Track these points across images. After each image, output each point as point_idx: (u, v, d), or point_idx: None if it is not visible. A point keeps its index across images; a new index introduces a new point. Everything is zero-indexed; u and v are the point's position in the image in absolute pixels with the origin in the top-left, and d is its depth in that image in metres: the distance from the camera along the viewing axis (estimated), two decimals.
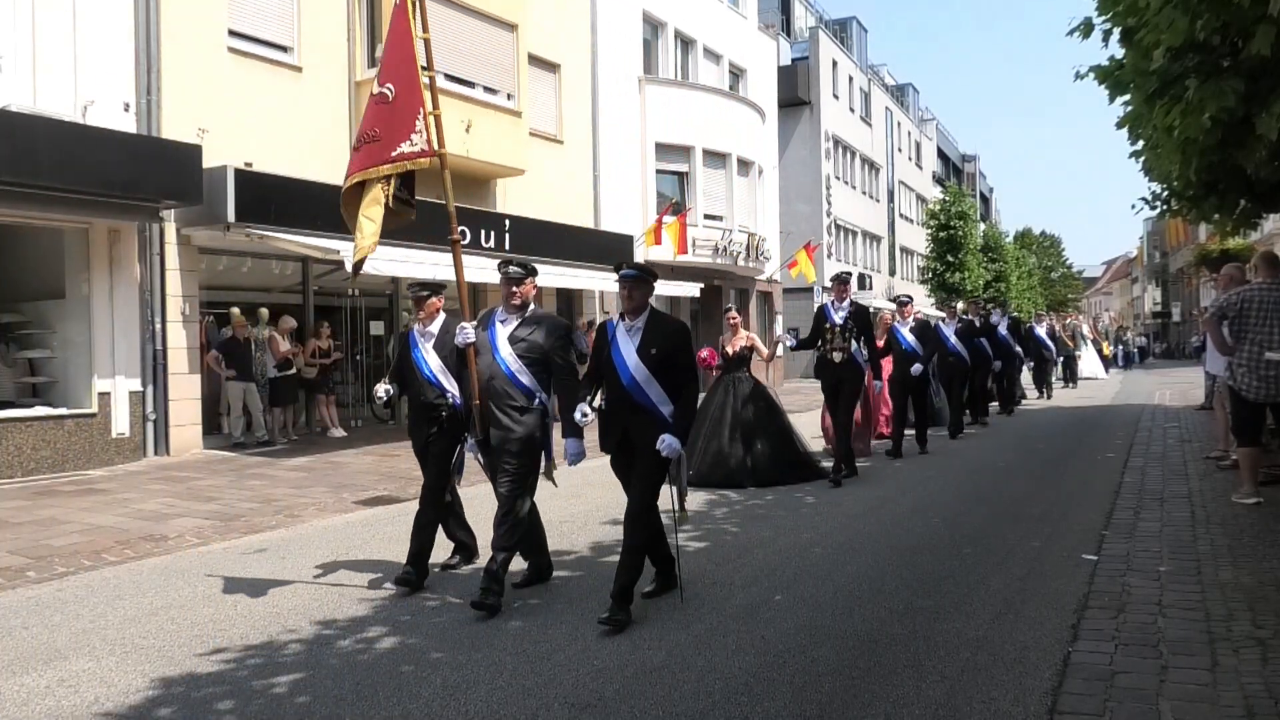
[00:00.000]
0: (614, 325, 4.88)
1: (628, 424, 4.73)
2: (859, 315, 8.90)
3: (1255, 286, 6.88)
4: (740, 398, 8.90)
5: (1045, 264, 67.76)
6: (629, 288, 4.78)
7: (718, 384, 9.17)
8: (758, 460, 8.65)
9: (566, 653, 4.14)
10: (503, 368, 4.97)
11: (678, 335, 4.81)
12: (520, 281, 5.10)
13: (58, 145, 9.71)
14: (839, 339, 8.80)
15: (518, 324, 5.06)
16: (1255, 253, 17.43)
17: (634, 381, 4.67)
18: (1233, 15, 5.74)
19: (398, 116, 5.38)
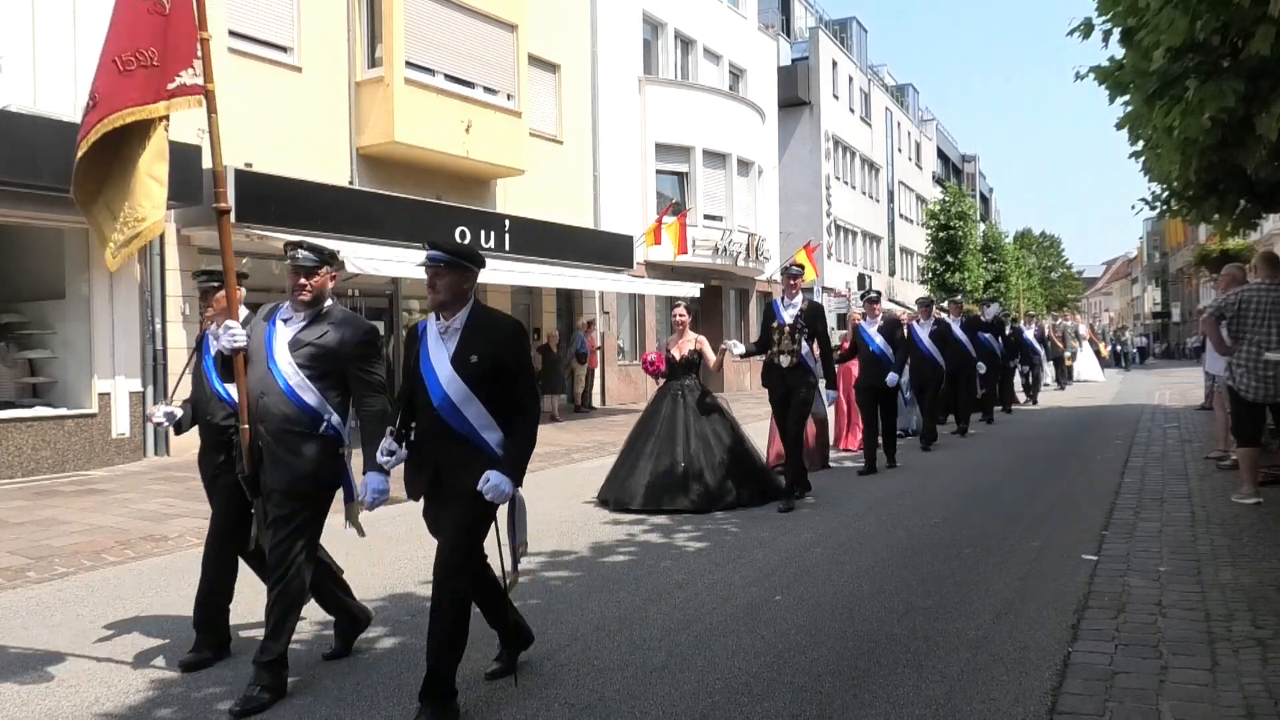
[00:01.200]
0: (425, 326, 3.70)
1: (439, 459, 3.56)
2: (811, 313, 7.77)
3: (1253, 287, 6.88)
4: (691, 408, 7.86)
5: (1045, 264, 67.78)
6: (432, 275, 3.57)
7: (663, 393, 8.12)
8: (714, 480, 7.60)
9: (567, 653, 4.14)
10: (278, 381, 3.77)
11: (508, 339, 3.62)
12: (313, 271, 3.89)
13: (58, 145, 9.68)
14: (787, 340, 7.64)
15: (304, 325, 3.88)
16: (1255, 253, 17.39)
17: (446, 401, 3.50)
18: (1233, 15, 5.74)
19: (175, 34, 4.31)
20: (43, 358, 11.18)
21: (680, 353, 8.03)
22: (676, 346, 8.07)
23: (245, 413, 3.85)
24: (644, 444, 7.83)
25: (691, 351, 8.01)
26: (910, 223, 46.59)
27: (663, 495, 7.50)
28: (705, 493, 7.52)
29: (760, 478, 7.96)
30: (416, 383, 3.61)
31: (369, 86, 13.99)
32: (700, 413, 7.89)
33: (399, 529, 7.07)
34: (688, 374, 8.06)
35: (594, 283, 17.50)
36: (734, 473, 7.71)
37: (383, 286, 15.30)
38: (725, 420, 8.01)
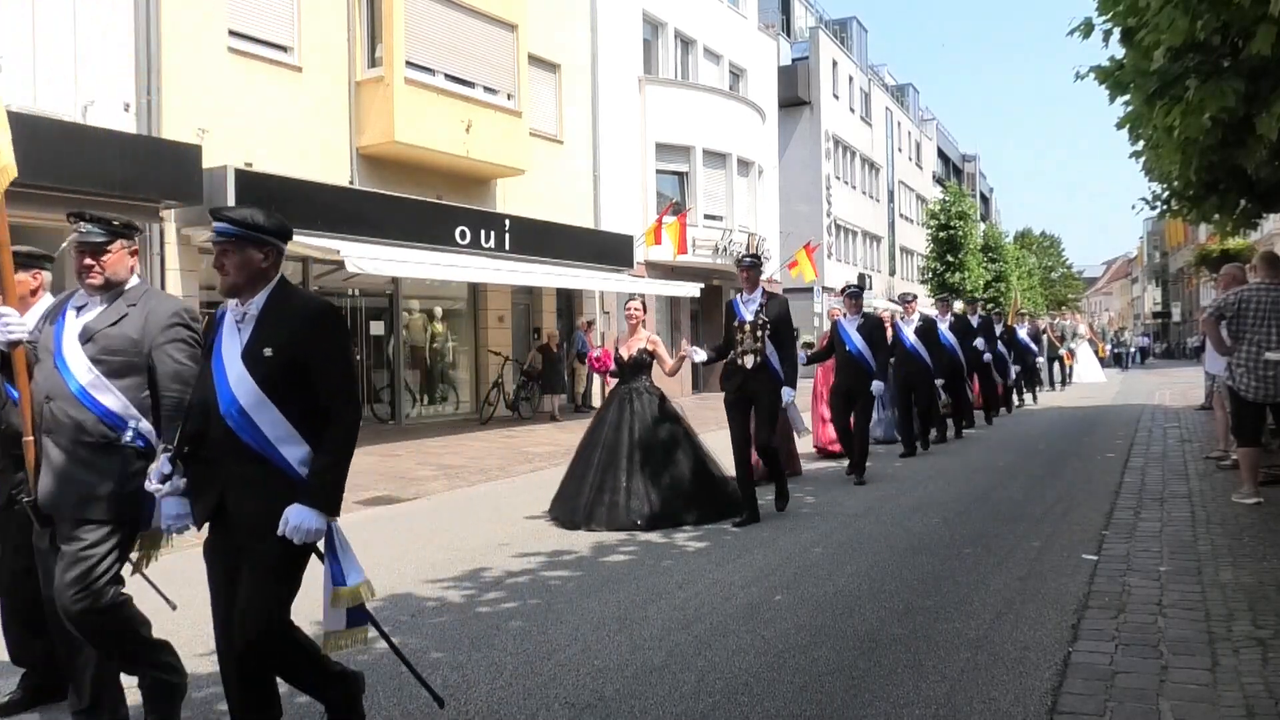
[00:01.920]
0: (222, 314, 3.05)
1: (226, 480, 2.84)
2: (772, 308, 7.01)
3: (1253, 286, 6.88)
4: (639, 415, 7.09)
5: (1045, 264, 67.78)
6: (219, 252, 3.02)
7: (611, 398, 7.37)
8: (660, 497, 6.84)
9: (566, 653, 4.14)
10: (66, 382, 3.06)
11: (311, 325, 2.90)
12: (101, 248, 3.17)
13: (58, 145, 9.72)
14: (749, 339, 6.90)
15: (99, 311, 3.18)
16: (1255, 253, 17.36)
17: (235, 406, 2.79)
18: (1233, 15, 5.74)
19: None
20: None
21: (629, 352, 7.25)
22: (626, 345, 7.31)
23: (28, 423, 3.13)
24: (590, 454, 7.12)
25: (641, 351, 7.23)
26: (910, 222, 46.60)
27: (605, 514, 6.78)
28: (651, 513, 6.74)
29: (717, 494, 7.16)
30: (208, 385, 2.89)
31: (369, 86, 13.99)
32: (651, 421, 7.07)
33: (398, 529, 7.07)
34: (638, 376, 7.25)
35: (594, 283, 17.50)
36: (686, 490, 6.95)
37: (383, 286, 15.31)
38: (680, 430, 7.22)
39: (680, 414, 7.36)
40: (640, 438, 7.00)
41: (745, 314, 6.97)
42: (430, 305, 16.49)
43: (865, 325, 8.93)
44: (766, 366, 6.88)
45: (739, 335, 6.94)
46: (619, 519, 6.73)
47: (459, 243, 14.58)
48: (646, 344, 7.25)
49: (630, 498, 6.81)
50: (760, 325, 6.88)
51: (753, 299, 7.05)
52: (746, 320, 6.92)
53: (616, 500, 6.80)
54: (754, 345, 6.87)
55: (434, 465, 10.55)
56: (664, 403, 7.26)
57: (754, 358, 6.86)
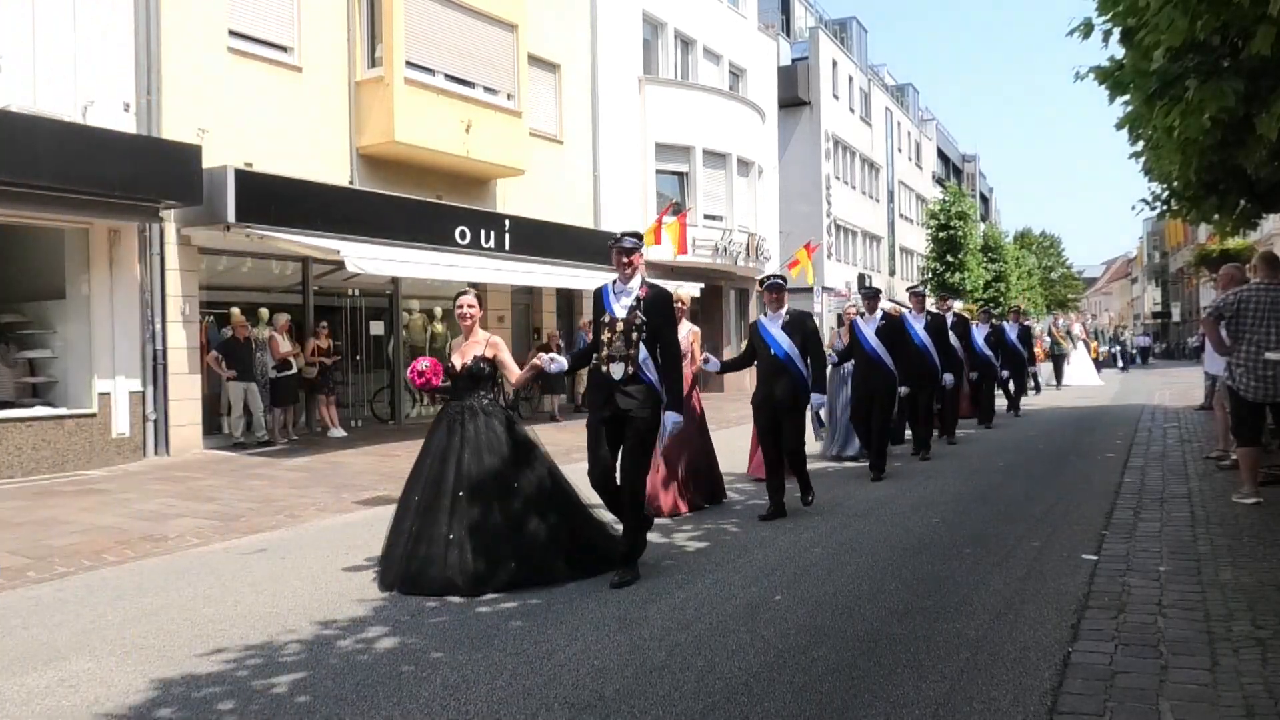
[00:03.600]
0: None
1: None
2: (655, 304, 5.41)
3: (1252, 287, 6.89)
4: (473, 442, 5.39)
5: (1045, 264, 67.77)
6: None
7: (439, 420, 5.65)
8: (507, 547, 5.21)
9: (566, 653, 4.14)
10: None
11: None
12: None
13: (58, 145, 9.72)
14: (619, 341, 5.31)
15: None
16: (1255, 253, 17.34)
17: None
18: (1233, 15, 5.74)
19: None
20: (43, 358, 11.19)
21: (463, 359, 5.59)
22: (460, 351, 5.65)
23: None
24: (409, 496, 5.49)
25: (478, 359, 5.56)
26: (910, 223, 46.60)
27: (417, 571, 5.14)
28: (478, 572, 5.09)
29: (586, 539, 5.58)
30: None
31: (369, 86, 13.99)
32: (488, 449, 5.39)
33: None
34: (474, 391, 5.57)
35: (594, 283, 17.34)
36: (538, 538, 5.32)
37: (383, 286, 15.32)
38: (534, 459, 5.58)
39: (534, 438, 5.69)
40: (471, 471, 5.30)
41: (616, 308, 5.40)
42: (430, 305, 16.49)
43: (790, 322, 7.41)
44: (640, 379, 5.31)
45: (606, 335, 5.38)
46: (434, 578, 5.06)
47: (459, 243, 14.58)
48: (485, 349, 5.59)
49: (451, 549, 5.11)
50: (635, 325, 5.31)
51: (628, 289, 5.42)
52: (617, 316, 5.36)
53: (433, 554, 5.12)
54: (624, 351, 5.29)
55: None
56: (511, 425, 5.58)
57: (623, 366, 5.29)
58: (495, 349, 5.65)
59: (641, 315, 5.35)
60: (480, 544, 5.17)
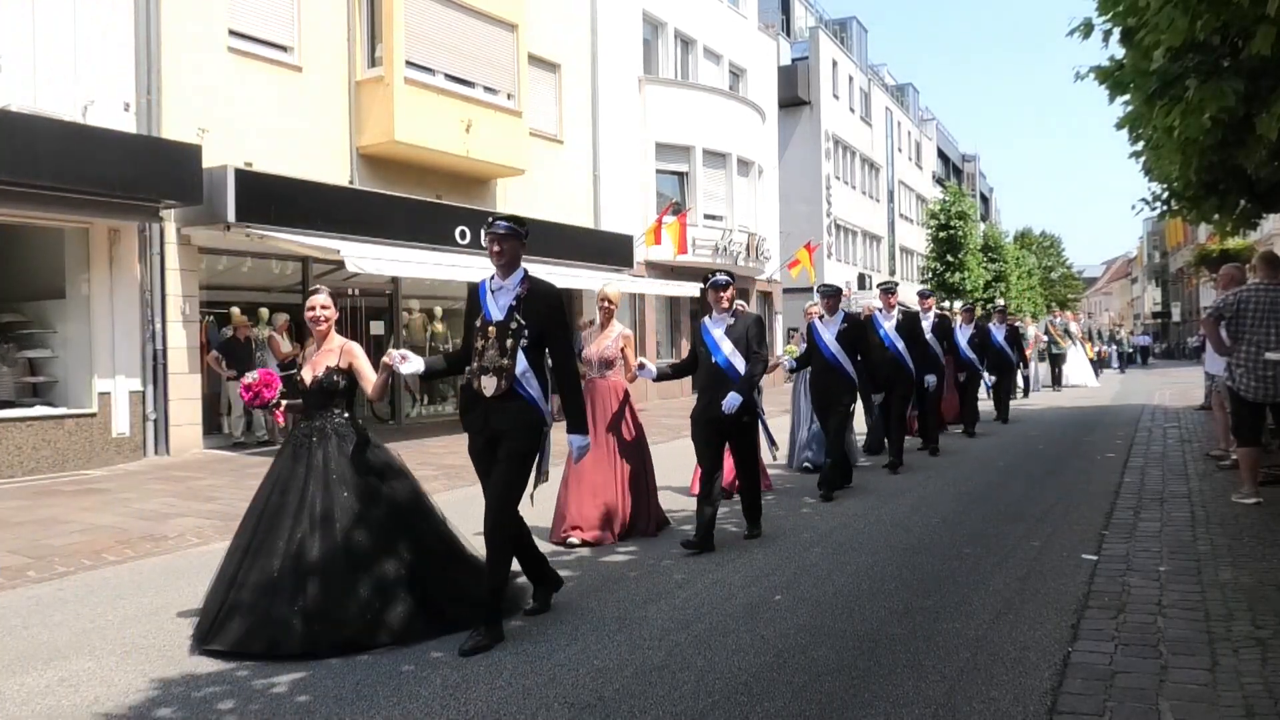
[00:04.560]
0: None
1: None
2: (537, 304, 4.43)
3: (1251, 287, 6.89)
4: (319, 471, 4.47)
5: (1045, 264, 67.75)
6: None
7: (283, 449, 4.72)
8: (361, 597, 4.26)
9: (566, 653, 4.14)
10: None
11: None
12: None
13: (58, 145, 9.72)
14: (493, 349, 4.36)
15: None
16: (1255, 253, 17.30)
17: None
18: (1233, 15, 5.74)
19: None
20: (43, 357, 11.19)
21: (313, 371, 4.67)
22: (310, 362, 4.73)
23: None
24: (243, 534, 4.51)
25: (330, 370, 4.63)
26: (910, 222, 46.61)
27: (243, 625, 4.16)
28: (303, 633, 4.12)
29: (458, 590, 4.55)
30: None
31: (369, 86, 13.99)
32: (340, 479, 4.48)
33: None
34: (326, 409, 4.64)
35: (594, 283, 17.40)
36: (384, 591, 4.33)
37: (383, 286, 15.31)
38: (400, 489, 4.69)
39: (398, 464, 4.79)
40: (316, 506, 4.38)
41: (493, 309, 4.44)
42: (430, 305, 16.49)
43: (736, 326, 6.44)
44: (517, 395, 4.34)
45: (479, 342, 4.43)
46: (256, 635, 4.13)
47: (459, 243, 14.58)
48: (339, 358, 4.65)
49: (280, 601, 4.19)
50: (513, 330, 4.35)
51: (507, 286, 4.45)
52: (492, 320, 4.41)
53: (258, 605, 4.18)
54: (499, 361, 4.34)
55: (434, 465, 10.55)
56: (368, 448, 4.65)
57: (496, 380, 4.33)
58: (350, 357, 4.67)
59: (520, 318, 4.37)
60: (319, 596, 4.19)
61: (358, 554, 4.37)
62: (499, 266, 4.46)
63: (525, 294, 4.45)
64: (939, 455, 10.66)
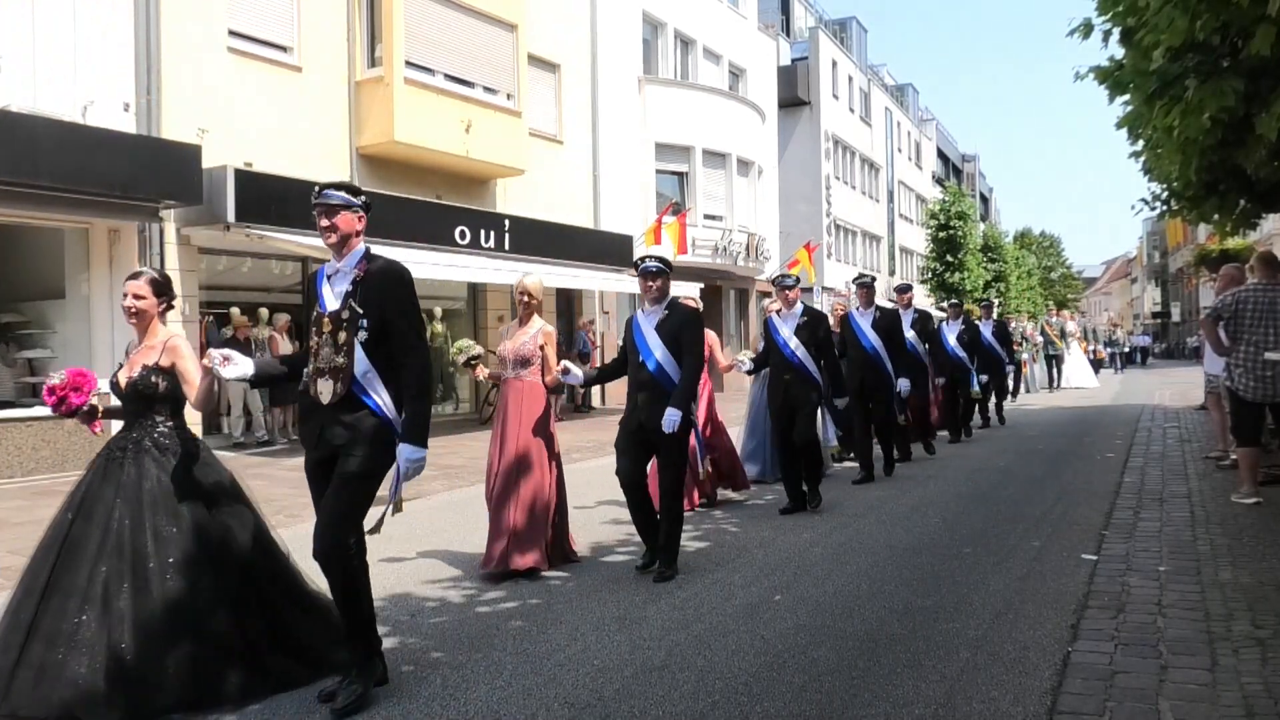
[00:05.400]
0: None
1: None
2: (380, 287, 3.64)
3: (1250, 287, 6.90)
4: (132, 495, 3.67)
5: (1045, 264, 67.75)
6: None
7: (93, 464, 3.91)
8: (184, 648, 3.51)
9: (566, 653, 4.14)
10: None
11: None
12: None
13: (58, 145, 9.72)
14: (328, 345, 3.62)
15: None
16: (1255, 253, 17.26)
17: None
18: (1232, 15, 5.74)
19: None
20: (43, 357, 11.19)
21: (130, 373, 3.88)
22: (130, 361, 3.95)
23: None
24: (37, 570, 3.63)
25: (148, 370, 3.85)
26: (910, 223, 46.61)
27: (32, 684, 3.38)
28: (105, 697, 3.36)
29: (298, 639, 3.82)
30: None
31: (369, 86, 13.99)
32: (158, 505, 3.67)
33: (398, 529, 7.06)
34: (146, 416, 3.87)
35: (594, 282, 17.50)
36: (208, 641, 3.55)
37: None
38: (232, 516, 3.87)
39: (233, 486, 3.97)
40: (125, 536, 3.59)
41: (327, 297, 3.70)
42: (430, 305, 16.48)
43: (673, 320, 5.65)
44: (357, 402, 3.59)
45: (313, 338, 3.70)
46: (49, 699, 3.35)
47: (459, 243, 14.58)
48: (161, 356, 3.87)
49: (77, 655, 3.40)
50: (347, 321, 3.60)
51: (343, 269, 3.70)
52: (327, 310, 3.67)
53: (50, 661, 3.41)
54: (334, 359, 3.60)
55: (434, 465, 10.55)
56: (196, 466, 3.86)
57: (332, 384, 3.59)
58: (174, 355, 3.88)
59: (356, 306, 3.60)
60: (128, 653, 3.41)
61: (177, 599, 3.53)
62: (332, 245, 3.69)
63: (362, 276, 3.65)
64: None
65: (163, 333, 3.98)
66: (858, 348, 8.77)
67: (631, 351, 5.59)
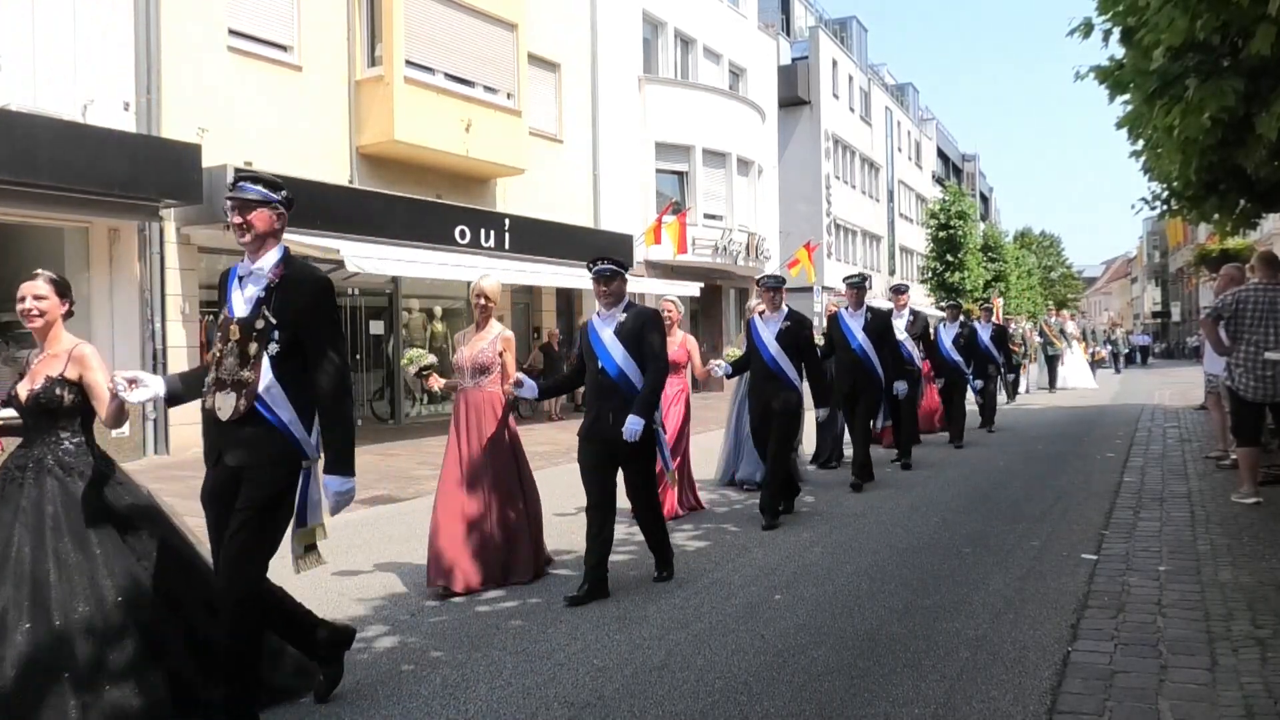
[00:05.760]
0: None
1: None
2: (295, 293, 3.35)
3: (1250, 287, 6.90)
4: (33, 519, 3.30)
5: (1045, 264, 67.76)
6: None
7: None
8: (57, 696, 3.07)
9: (566, 652, 4.14)
10: None
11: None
12: None
13: (58, 145, 9.72)
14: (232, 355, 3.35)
15: None
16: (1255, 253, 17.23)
17: None
18: (1233, 15, 5.74)
19: None
20: None
21: (31, 385, 3.54)
22: (31, 372, 3.63)
23: None
24: None
25: (52, 381, 3.52)
26: (910, 222, 46.62)
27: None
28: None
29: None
30: None
31: (369, 85, 13.99)
32: (62, 528, 3.31)
33: (399, 529, 7.07)
34: (50, 431, 3.50)
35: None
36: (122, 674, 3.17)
37: (383, 286, 15.32)
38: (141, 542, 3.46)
39: (152, 506, 3.58)
40: (26, 563, 3.24)
41: (237, 302, 3.41)
42: (430, 305, 16.50)
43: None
44: (259, 418, 3.27)
45: (218, 346, 3.40)
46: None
47: (459, 242, 14.58)
48: (66, 366, 3.56)
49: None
50: (259, 331, 3.30)
51: (258, 272, 3.39)
52: (235, 315, 3.38)
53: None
54: (238, 371, 3.29)
55: (434, 465, 10.52)
56: (109, 486, 3.48)
57: (234, 398, 3.28)
58: (81, 366, 3.54)
59: (270, 315, 3.30)
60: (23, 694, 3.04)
61: (84, 632, 3.15)
62: (245, 245, 3.39)
63: (278, 282, 3.33)
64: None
65: (67, 340, 3.64)
66: (846, 349, 8.36)
67: (589, 358, 5.27)
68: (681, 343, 7.57)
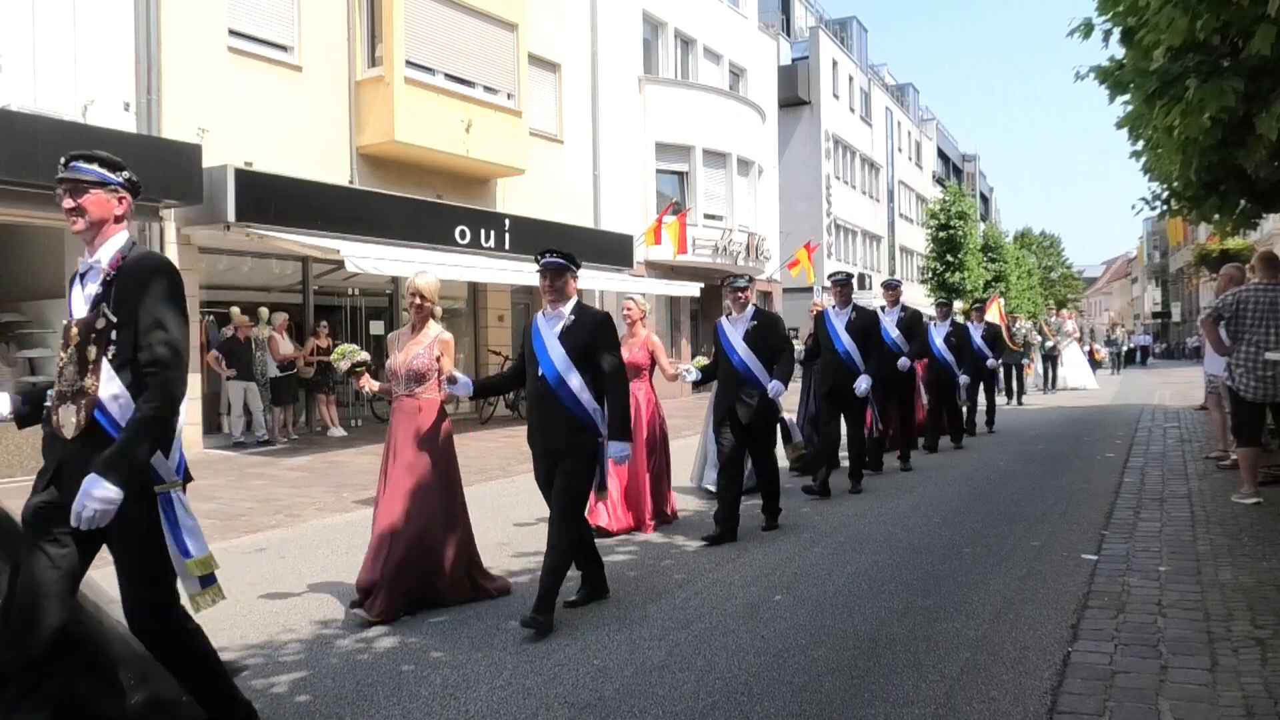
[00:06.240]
0: None
1: None
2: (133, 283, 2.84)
3: (1250, 287, 6.90)
4: None
5: (1045, 264, 67.75)
6: None
7: None
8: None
9: (566, 652, 4.14)
10: None
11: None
12: None
13: (58, 145, 9.70)
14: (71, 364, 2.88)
15: None
16: (1255, 253, 17.22)
17: None
18: (1233, 15, 5.74)
19: None
20: (43, 357, 11.19)
21: None
22: None
23: None
24: None
25: None
26: (910, 222, 46.62)
27: None
28: None
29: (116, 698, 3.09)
30: None
31: (369, 86, 13.99)
32: None
33: None
34: None
35: (594, 282, 17.48)
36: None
37: (383, 286, 15.32)
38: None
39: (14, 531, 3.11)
40: None
41: (76, 301, 2.96)
42: None
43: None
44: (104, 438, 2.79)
45: (60, 353, 2.96)
46: None
47: (459, 242, 14.58)
48: None
49: None
50: (98, 331, 2.85)
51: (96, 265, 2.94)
52: (74, 316, 2.93)
53: None
54: (77, 380, 2.85)
55: None
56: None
57: (76, 412, 2.83)
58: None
59: (110, 313, 2.84)
60: None
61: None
62: (79, 234, 2.95)
63: (114, 274, 2.87)
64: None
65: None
66: (830, 350, 8.14)
67: (530, 361, 4.78)
68: (644, 343, 7.04)
